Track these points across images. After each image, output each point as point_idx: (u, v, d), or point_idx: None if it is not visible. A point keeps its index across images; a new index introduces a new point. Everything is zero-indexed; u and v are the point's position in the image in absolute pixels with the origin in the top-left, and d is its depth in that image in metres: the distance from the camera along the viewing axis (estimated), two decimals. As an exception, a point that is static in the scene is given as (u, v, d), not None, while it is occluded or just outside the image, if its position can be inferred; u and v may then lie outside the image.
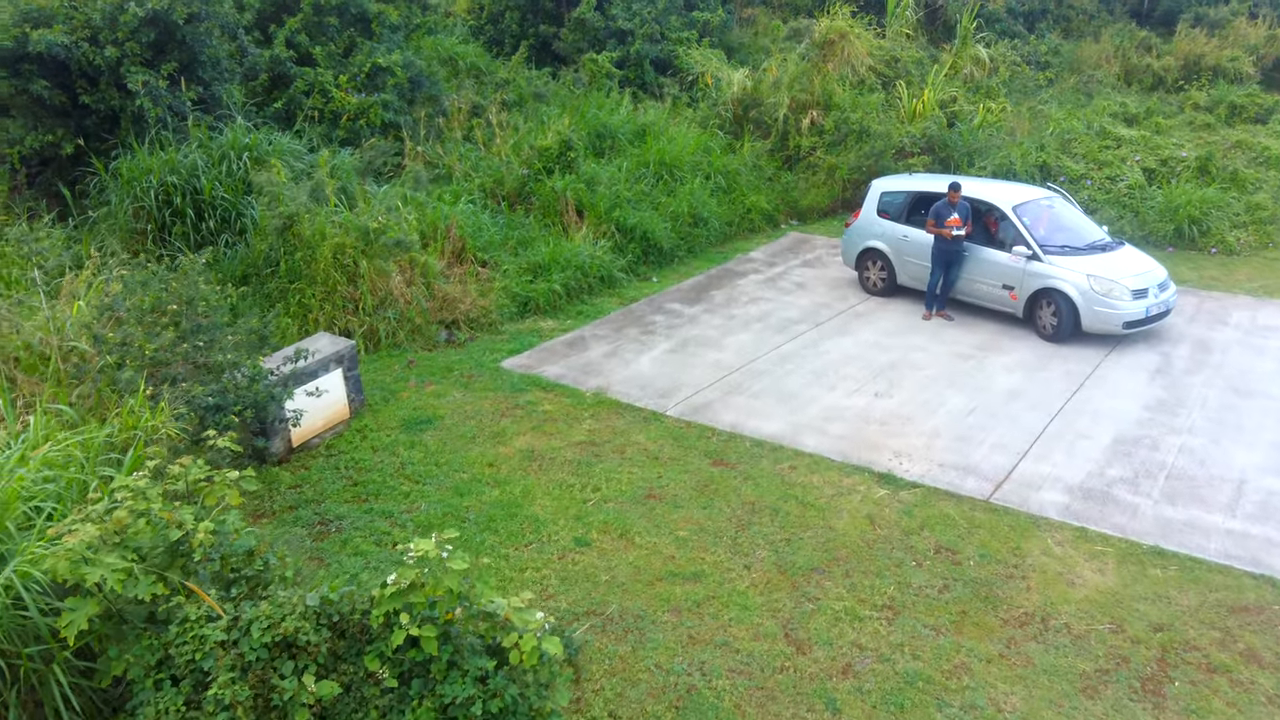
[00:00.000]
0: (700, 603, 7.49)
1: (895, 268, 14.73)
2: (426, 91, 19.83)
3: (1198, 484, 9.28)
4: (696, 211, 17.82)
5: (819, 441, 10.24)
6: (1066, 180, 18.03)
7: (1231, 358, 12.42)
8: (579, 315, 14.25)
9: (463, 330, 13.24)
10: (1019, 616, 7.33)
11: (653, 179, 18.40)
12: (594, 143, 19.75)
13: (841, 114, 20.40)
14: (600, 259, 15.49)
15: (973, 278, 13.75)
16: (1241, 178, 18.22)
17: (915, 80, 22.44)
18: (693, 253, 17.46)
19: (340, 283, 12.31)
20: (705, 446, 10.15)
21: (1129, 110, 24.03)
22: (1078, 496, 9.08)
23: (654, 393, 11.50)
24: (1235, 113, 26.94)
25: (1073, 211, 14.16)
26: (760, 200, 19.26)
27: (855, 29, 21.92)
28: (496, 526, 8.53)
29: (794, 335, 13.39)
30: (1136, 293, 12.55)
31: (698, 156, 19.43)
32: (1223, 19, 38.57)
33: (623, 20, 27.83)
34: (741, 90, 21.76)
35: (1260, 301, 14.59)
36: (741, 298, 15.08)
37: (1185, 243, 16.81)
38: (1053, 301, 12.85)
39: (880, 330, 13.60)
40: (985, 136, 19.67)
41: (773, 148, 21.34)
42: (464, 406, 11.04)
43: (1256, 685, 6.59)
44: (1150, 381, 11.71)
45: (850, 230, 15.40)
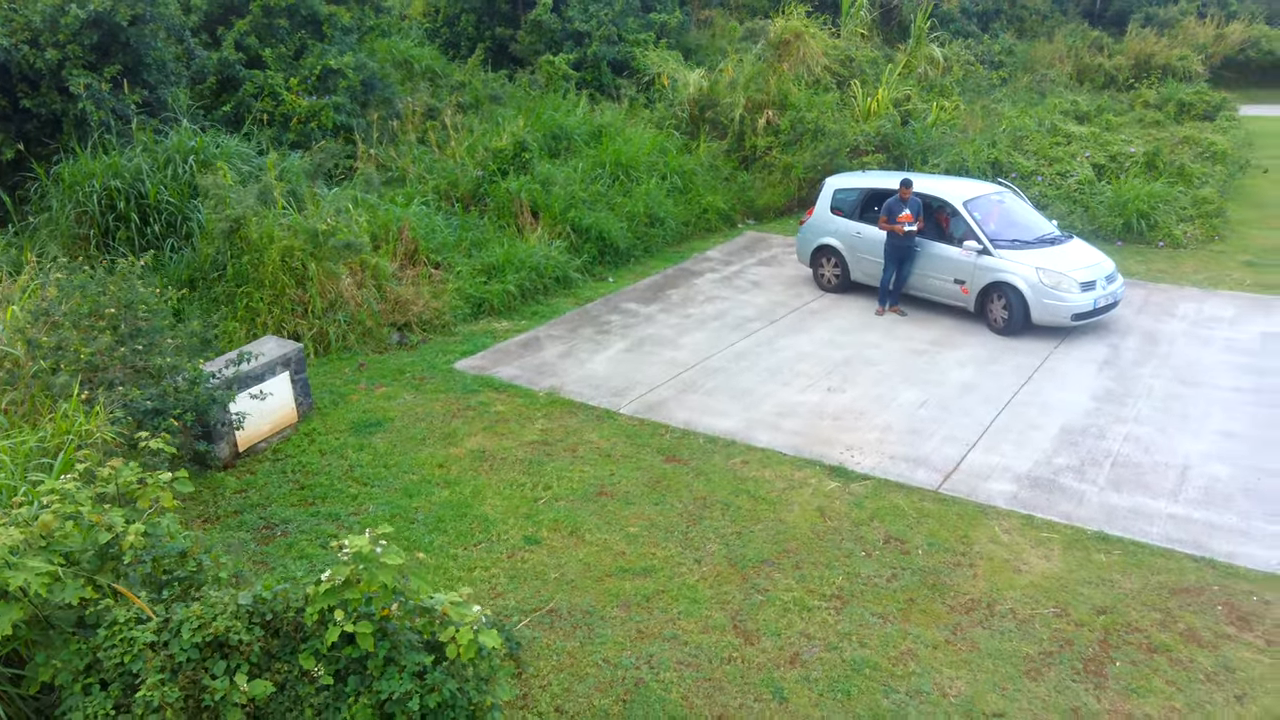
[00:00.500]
0: (650, 597, 7.46)
1: (849, 264, 14.82)
2: (380, 94, 19.69)
3: (1143, 471, 9.40)
4: (653, 212, 17.83)
5: (772, 437, 10.26)
6: (1018, 176, 18.24)
7: (1178, 349, 12.61)
8: (534, 316, 14.20)
9: (415, 332, 13.14)
10: (965, 603, 7.38)
11: (609, 179, 18.39)
12: (550, 144, 19.71)
13: (797, 113, 20.50)
14: (555, 259, 15.45)
15: (925, 273, 13.86)
16: (1189, 172, 18.53)
17: (870, 79, 22.63)
18: (649, 252, 17.46)
19: (289, 286, 12.17)
20: (658, 444, 10.14)
21: (1080, 108, 24.38)
22: (1025, 485, 9.17)
23: (608, 392, 11.47)
24: (1184, 110, 27.44)
25: (1023, 206, 14.32)
26: (717, 200, 19.32)
27: (810, 29, 22.08)
28: (445, 527, 8.46)
29: (749, 333, 13.42)
30: (1085, 285, 12.71)
31: (654, 157, 19.45)
32: (1172, 19, 39.35)
33: (580, 22, 27.83)
34: (698, 91, 21.81)
35: (1206, 293, 14.83)
36: (698, 296, 15.10)
37: (1134, 237, 17.06)
38: (1003, 295, 12.98)
39: (835, 327, 13.67)
40: (939, 134, 19.86)
41: (729, 148, 21.42)
42: (415, 408, 10.95)
43: (1195, 663, 6.68)
44: (1098, 373, 11.86)
45: (805, 228, 15.48)
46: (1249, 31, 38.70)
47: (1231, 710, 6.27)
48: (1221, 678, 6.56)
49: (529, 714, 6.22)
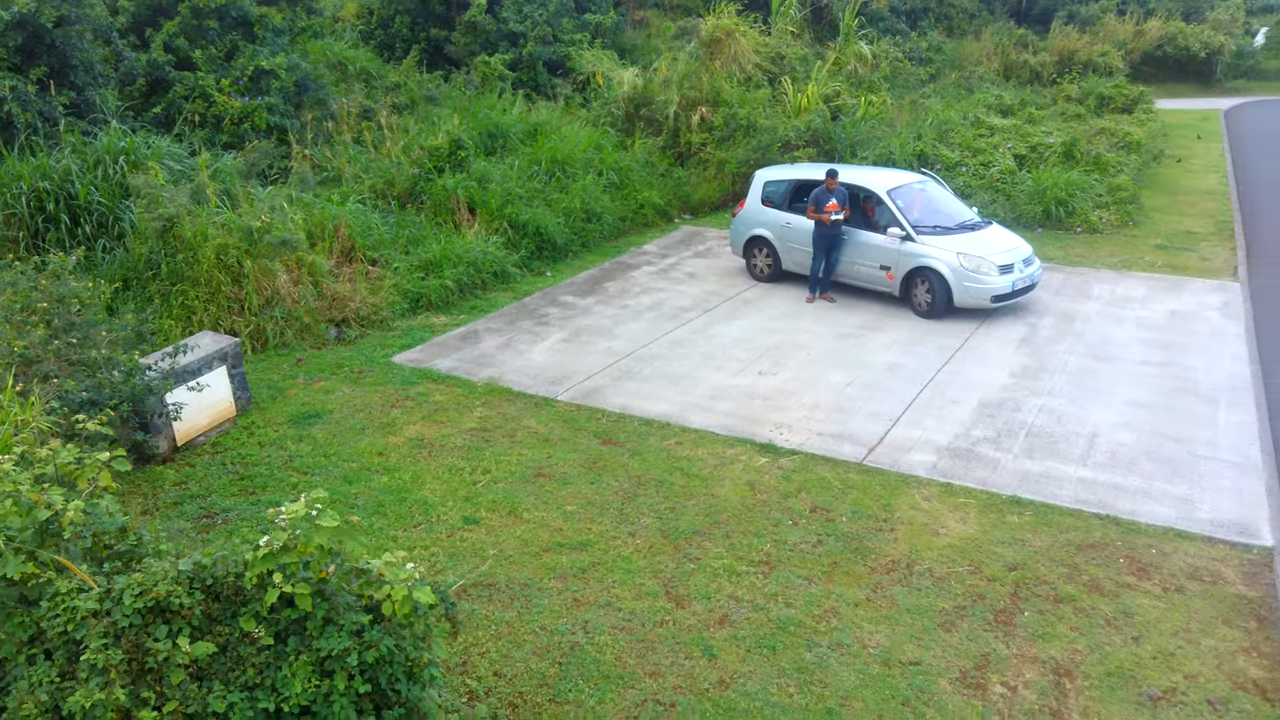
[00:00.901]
0: (586, 569, 7.72)
1: (780, 254, 15.23)
2: (313, 95, 19.70)
3: (1055, 440, 9.89)
4: (589, 207, 18.10)
5: (705, 418, 10.58)
6: (942, 167, 18.85)
7: (1092, 327, 13.20)
8: (472, 310, 14.38)
9: (353, 328, 13.25)
10: (886, 564, 7.75)
11: (545, 176, 18.61)
12: (486, 142, 19.89)
13: (730, 110, 20.92)
14: (493, 255, 15.64)
15: (852, 260, 14.31)
16: (1104, 161, 19.31)
17: (800, 76, 23.15)
18: (587, 247, 17.73)
19: (224, 283, 12.22)
20: (595, 428, 10.40)
21: (1004, 102, 25.17)
22: (945, 456, 9.60)
23: (546, 380, 11.70)
24: (1104, 103, 28.46)
25: (944, 194, 14.86)
26: (653, 195, 19.65)
27: (741, 27, 22.52)
28: (385, 510, 8.64)
29: (685, 322, 13.75)
30: (1003, 268, 13.25)
31: (590, 154, 19.72)
32: (1094, 16, 40.66)
33: (514, 23, 28.00)
34: (632, 89, 22.14)
35: (1120, 275, 15.51)
36: (634, 288, 15.40)
37: (1053, 223, 17.74)
38: (926, 279, 13.47)
39: (767, 314, 14.05)
40: (867, 129, 20.43)
41: (664, 144, 21.77)
42: (353, 400, 11.08)
43: (1097, 610, 7.12)
44: (1017, 350, 12.38)
45: (737, 220, 15.86)
46: (1166, 28, 40.15)
47: (1129, 650, 6.71)
48: (1121, 622, 7.01)
49: (468, 679, 6.44)
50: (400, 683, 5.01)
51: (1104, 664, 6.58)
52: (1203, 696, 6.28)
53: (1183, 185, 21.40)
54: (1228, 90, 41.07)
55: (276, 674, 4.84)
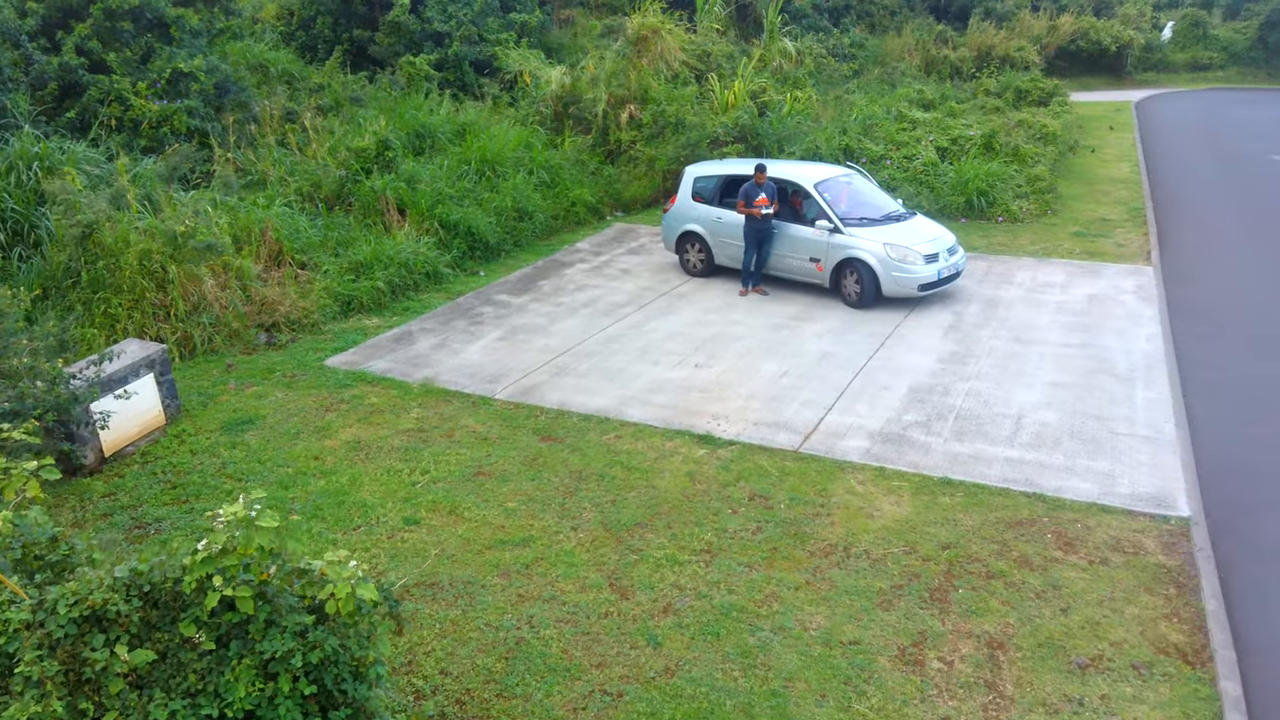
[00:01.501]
0: (529, 565, 7.75)
1: (712, 249, 15.39)
2: (235, 97, 19.33)
3: (982, 421, 10.19)
4: (521, 206, 18.07)
5: (643, 412, 10.66)
6: (867, 161, 19.21)
7: (1015, 312, 13.59)
8: (405, 312, 14.26)
9: (284, 332, 13.05)
10: (824, 548, 7.92)
11: (475, 176, 18.53)
12: (414, 143, 19.73)
13: (658, 107, 21.04)
14: (425, 255, 15.52)
15: (783, 253, 14.52)
16: (1023, 153, 19.87)
17: (727, 73, 23.39)
18: (520, 246, 17.70)
19: (149, 290, 11.95)
20: (534, 424, 10.41)
21: (925, 96, 25.71)
22: (878, 441, 9.81)
23: (483, 379, 11.67)
24: (1021, 97, 29.23)
25: (870, 186, 15.16)
26: (584, 193, 19.68)
27: (667, 25, 22.66)
28: (324, 514, 8.55)
29: (620, 318, 13.82)
30: (929, 257, 13.57)
31: (520, 153, 19.69)
32: (1009, 12, 41.74)
33: (439, 23, 27.80)
34: (560, 88, 22.14)
35: (1040, 262, 15.98)
36: (569, 286, 15.42)
37: (975, 213, 18.21)
38: (855, 270, 13.73)
39: (701, 308, 14.19)
40: (794, 124, 20.72)
41: (594, 142, 21.82)
42: (287, 405, 10.93)
43: (1027, 585, 7.37)
44: (944, 337, 12.70)
45: (668, 215, 15.98)
46: (1079, 23, 41.40)
47: (1058, 621, 6.96)
48: (1049, 595, 7.26)
49: (415, 678, 6.43)
50: (346, 682, 4.99)
51: (1035, 635, 6.82)
52: (1128, 662, 6.55)
53: (1098, 174, 22.13)
54: (1138, 83, 42.50)
55: (219, 679, 4.78)
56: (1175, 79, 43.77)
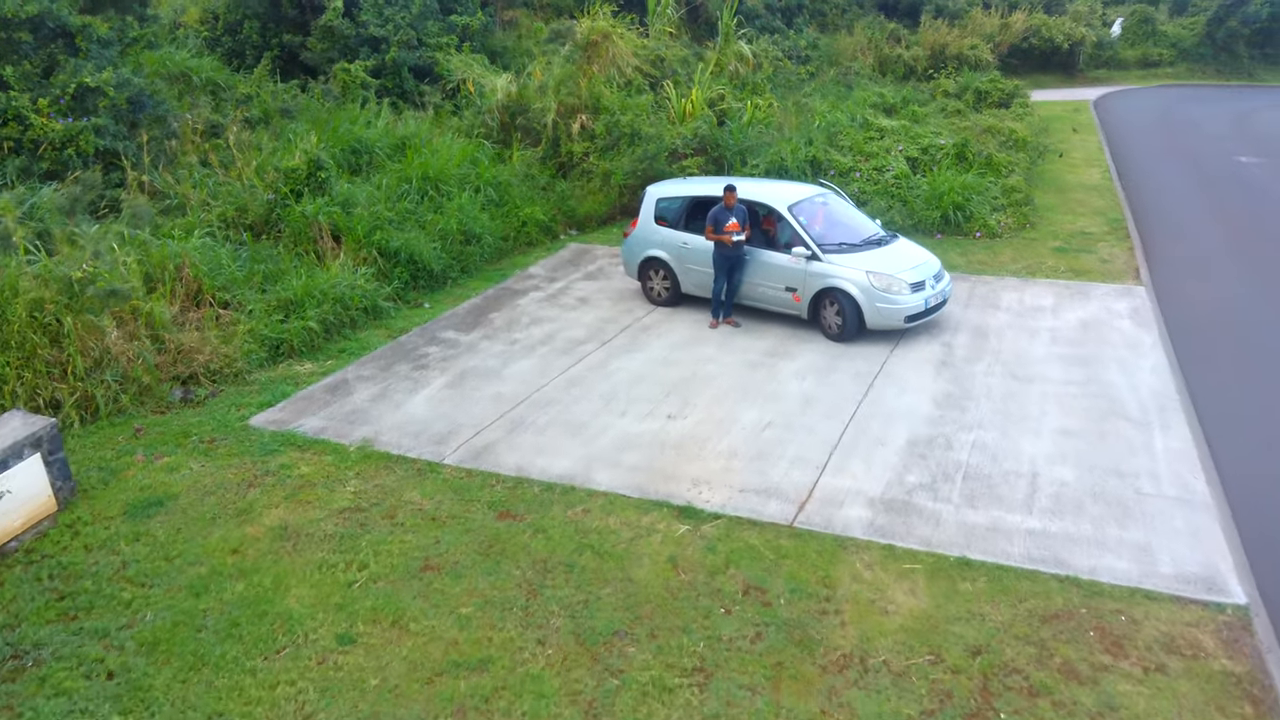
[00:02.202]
0: (488, 697, 6.46)
1: (678, 276, 14.18)
2: (151, 112, 17.68)
3: (994, 482, 9.10)
4: (467, 228, 16.71)
5: (613, 476, 9.42)
6: (835, 174, 18.15)
7: (1007, 343, 12.58)
8: (341, 354, 12.85)
9: (203, 385, 11.59)
10: (837, 660, 6.74)
11: (417, 196, 17.14)
12: (349, 160, 18.28)
13: (611, 117, 19.80)
14: (362, 288, 14.11)
15: (755, 281, 13.36)
16: (996, 162, 18.95)
17: (682, 80, 22.19)
18: (467, 273, 16.33)
19: (41, 346, 10.41)
20: (489, 497, 9.12)
21: (887, 100, 24.77)
22: (880, 510, 8.68)
23: (429, 438, 10.35)
24: (981, 98, 28.48)
25: (846, 207, 14.06)
26: (536, 211, 18.36)
27: (618, 29, 21.42)
28: (241, 632, 7.17)
29: (580, 357, 12.56)
30: (915, 286, 12.49)
31: (465, 169, 18.32)
32: (961, 9, 41.14)
33: (375, 27, 26.29)
34: (506, 97, 20.78)
35: (1025, 282, 15.02)
36: (523, 319, 14.11)
37: (952, 229, 17.22)
38: (835, 301, 12.61)
39: (669, 343, 12.98)
40: (755, 134, 19.59)
41: (544, 155, 20.53)
42: (203, 480, 9.50)
43: (1078, 705, 6.26)
44: (936, 375, 11.63)
45: (629, 240, 14.74)
46: (1030, 21, 40.91)
47: (1122, 756, 5.88)
48: (1107, 718, 6.16)
49: None
50: None
51: (1097, 775, 5.72)
52: (1213, 811, 5.48)
53: (1069, 181, 21.32)
54: (1090, 80, 42.17)
55: None
56: (1126, 76, 43.54)
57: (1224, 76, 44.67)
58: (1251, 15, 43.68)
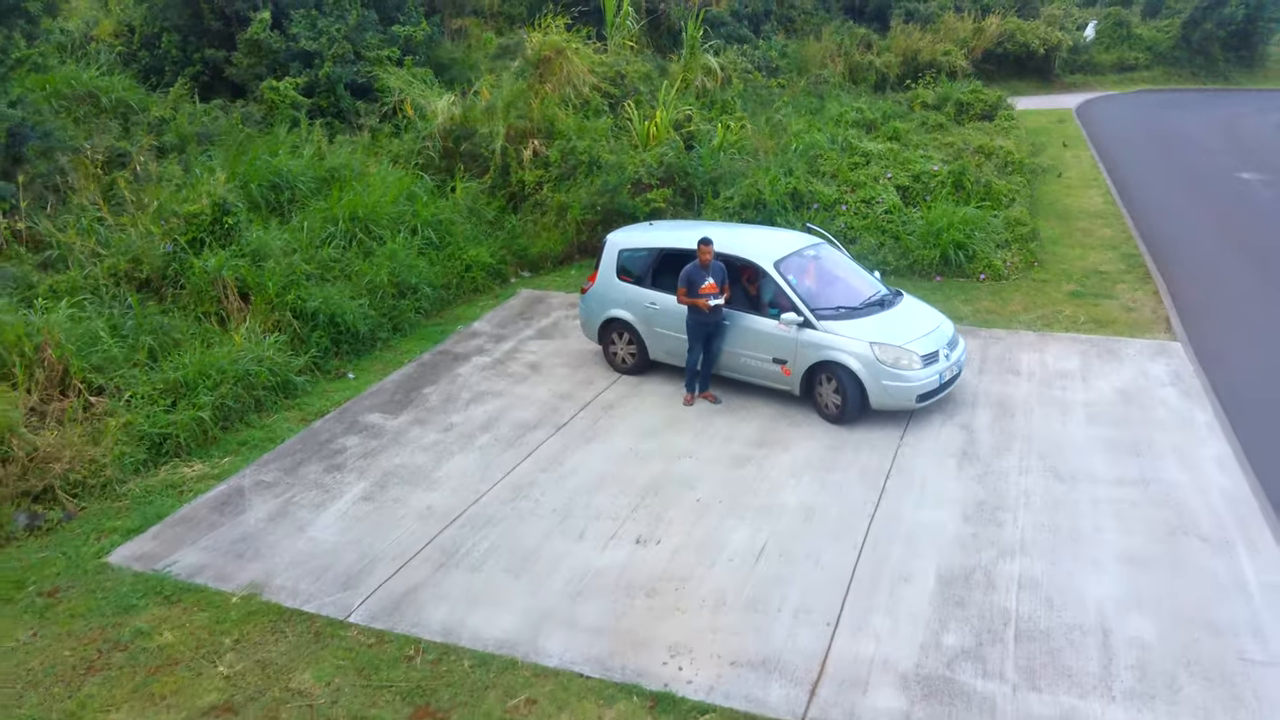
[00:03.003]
0: None
1: (645, 341, 12.08)
2: (37, 145, 15.33)
3: (1055, 643, 7.10)
4: (401, 278, 14.50)
5: (567, 643, 7.30)
6: (819, 208, 16.14)
7: (1037, 423, 10.62)
8: (241, 449, 10.63)
9: (59, 503, 9.32)
10: None
11: (344, 240, 14.92)
12: (268, 197, 16.01)
13: (567, 143, 17.66)
14: (271, 361, 11.87)
15: (737, 350, 11.30)
16: (996, 190, 17.02)
17: (645, 99, 20.08)
18: (400, 331, 14.12)
19: None
20: (405, 680, 6.97)
21: (865, 116, 22.82)
22: (917, 695, 6.64)
23: (335, 580, 8.17)
24: (963, 110, 26.68)
25: (842, 260, 12.03)
26: (482, 253, 16.18)
27: (572, 44, 19.28)
28: None
29: (530, 449, 10.44)
30: (927, 358, 10.49)
31: (402, 206, 16.11)
32: (933, 14, 39.45)
33: (306, 40, 23.94)
34: (449, 120, 18.57)
35: (1043, 337, 13.08)
36: (462, 394, 11.95)
37: (952, 270, 15.26)
38: (833, 376, 10.59)
39: (636, 428, 10.89)
40: (728, 161, 17.53)
41: (493, 184, 18.36)
42: (28, 661, 7.24)
43: None
44: (959, 472, 9.63)
45: (588, 297, 12.61)
46: (1004, 25, 39.33)
47: None
48: None
49: None
50: None
51: None
52: None
53: (1070, 207, 19.47)
54: (1067, 86, 40.67)
55: None
56: (1103, 81, 42.11)
57: (1200, 80, 43.42)
58: (1227, 17, 42.49)
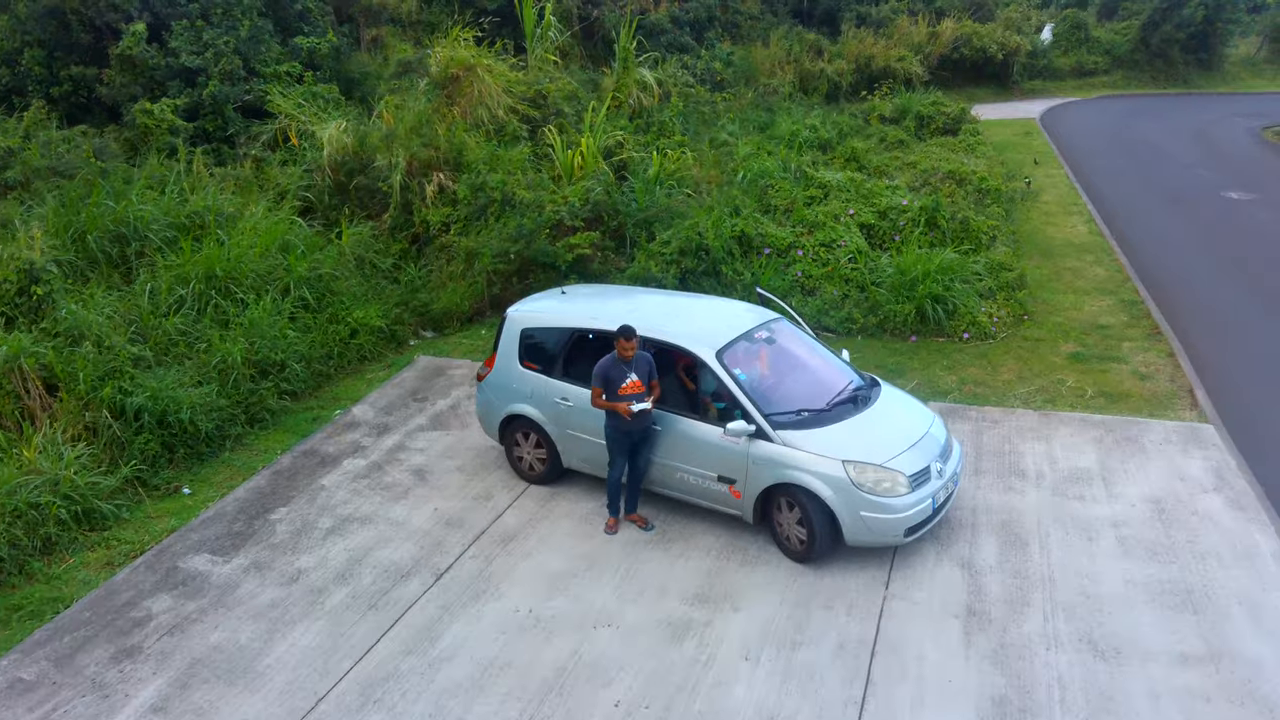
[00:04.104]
0: None
1: (558, 446, 9.50)
2: None
3: None
4: (263, 355, 11.78)
5: None
6: (771, 252, 13.68)
7: (1056, 556, 8.22)
8: (10, 620, 7.90)
9: None
10: None
11: (197, 307, 12.19)
12: (111, 250, 13.22)
13: (476, 177, 15.01)
14: (71, 483, 9.14)
15: (672, 463, 8.76)
16: (975, 228, 14.64)
17: (570, 122, 17.48)
18: (259, 423, 11.41)
19: None
20: None
21: (820, 135, 20.42)
22: None
23: None
24: (924, 124, 24.47)
25: (803, 340, 9.50)
26: (372, 314, 13.48)
27: (484, 60, 16.63)
28: None
29: (397, 613, 7.84)
30: (916, 478, 8.03)
31: (274, 259, 13.40)
32: (885, 18, 37.40)
33: (189, 55, 21.08)
34: (338, 150, 15.85)
35: (1046, 419, 10.72)
36: (321, 520, 9.30)
37: (930, 327, 12.85)
38: (796, 503, 8.10)
39: (542, 572, 8.33)
40: (665, 196, 15.00)
41: (393, 225, 15.68)
42: None
43: None
44: (967, 645, 7.19)
45: (486, 386, 9.99)
46: (960, 29, 37.34)
47: None
48: None
49: None
50: None
51: None
52: None
53: (1052, 239, 17.21)
54: (1026, 92, 38.79)
55: None
56: (1063, 86, 40.31)
57: (1160, 84, 41.85)
58: (1186, 18, 40.94)
